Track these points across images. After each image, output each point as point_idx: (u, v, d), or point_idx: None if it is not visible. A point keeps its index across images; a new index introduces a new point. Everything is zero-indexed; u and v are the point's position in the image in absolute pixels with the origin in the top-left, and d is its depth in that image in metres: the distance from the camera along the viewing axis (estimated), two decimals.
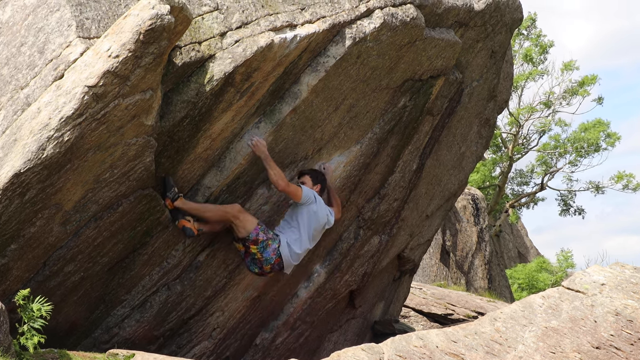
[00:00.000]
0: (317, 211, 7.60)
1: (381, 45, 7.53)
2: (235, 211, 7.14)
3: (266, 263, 7.37)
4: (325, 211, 7.75)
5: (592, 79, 34.07)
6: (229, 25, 6.38)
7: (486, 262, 24.63)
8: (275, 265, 7.44)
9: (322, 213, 7.67)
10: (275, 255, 7.37)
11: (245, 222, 7.18)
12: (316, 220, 7.63)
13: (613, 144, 33.69)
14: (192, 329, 8.04)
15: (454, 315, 16.08)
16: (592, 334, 5.85)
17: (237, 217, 7.14)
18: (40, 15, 5.85)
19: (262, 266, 7.40)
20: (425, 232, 12.47)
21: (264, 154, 7.11)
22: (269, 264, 7.38)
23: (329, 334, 11.32)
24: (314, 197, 7.60)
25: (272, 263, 7.39)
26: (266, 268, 7.43)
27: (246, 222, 7.20)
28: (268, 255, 7.33)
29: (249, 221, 7.22)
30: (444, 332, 6.21)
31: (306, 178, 7.79)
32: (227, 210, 7.10)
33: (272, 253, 7.34)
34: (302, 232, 7.56)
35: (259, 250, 7.29)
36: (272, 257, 7.35)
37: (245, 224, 7.19)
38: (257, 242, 7.26)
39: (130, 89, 5.47)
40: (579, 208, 36.67)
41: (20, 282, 5.98)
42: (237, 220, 7.14)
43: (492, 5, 9.37)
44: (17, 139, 5.43)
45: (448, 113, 10.23)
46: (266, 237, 7.31)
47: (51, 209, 5.71)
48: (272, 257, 7.36)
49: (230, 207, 7.13)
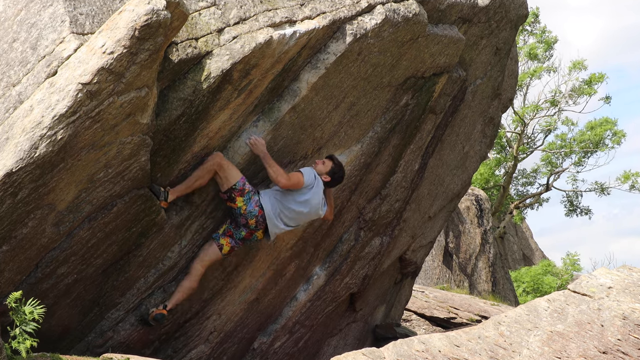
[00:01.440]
0: (311, 198, 7.47)
1: (383, 41, 7.47)
2: (218, 160, 6.92)
3: (250, 216, 7.19)
4: (319, 199, 7.60)
5: (599, 77, 34.00)
6: (226, 21, 6.30)
7: (490, 264, 24.56)
8: (259, 218, 7.25)
9: (315, 200, 7.53)
10: (258, 207, 7.22)
11: (230, 171, 6.98)
12: (304, 207, 7.49)
13: (619, 141, 33.64)
14: (189, 332, 7.97)
15: (457, 319, 16.02)
16: (599, 339, 5.78)
17: (221, 165, 6.92)
18: (33, 10, 5.76)
19: (247, 221, 7.23)
20: (427, 233, 12.43)
21: (263, 152, 7.01)
22: (253, 216, 7.21)
23: (328, 338, 11.26)
24: (314, 178, 7.48)
25: (256, 215, 7.21)
26: (251, 222, 7.24)
27: (231, 170, 7.00)
28: (251, 207, 7.17)
29: (233, 170, 7.03)
30: (447, 336, 6.13)
31: (327, 163, 7.66)
32: (210, 164, 6.89)
33: (254, 205, 7.18)
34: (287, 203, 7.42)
35: (245, 201, 7.13)
36: (255, 209, 7.19)
37: (230, 172, 6.99)
38: (243, 192, 7.09)
39: (125, 86, 5.39)
40: (586, 208, 36.63)
41: (11, 285, 5.89)
42: (221, 169, 6.93)
43: (496, 1, 9.33)
44: (9, 138, 5.35)
45: (451, 111, 10.18)
46: (251, 189, 7.18)
47: (44, 210, 5.62)
48: (255, 209, 7.19)
49: (212, 160, 6.90)
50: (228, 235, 7.38)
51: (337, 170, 7.68)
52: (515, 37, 11.00)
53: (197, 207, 7.12)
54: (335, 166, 7.67)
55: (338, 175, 7.72)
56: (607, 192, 35.14)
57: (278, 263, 8.57)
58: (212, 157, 6.90)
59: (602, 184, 35.23)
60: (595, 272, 6.50)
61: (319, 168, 7.61)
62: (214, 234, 7.41)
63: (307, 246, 8.83)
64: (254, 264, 8.20)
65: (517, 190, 37.97)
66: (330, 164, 7.66)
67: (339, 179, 7.77)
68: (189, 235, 7.21)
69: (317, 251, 9.17)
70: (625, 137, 33.62)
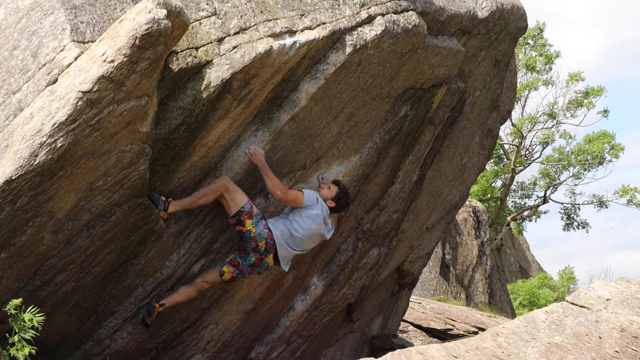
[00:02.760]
0: (316, 217, 7.45)
1: (382, 52, 7.47)
2: (225, 183, 6.93)
3: (260, 238, 7.17)
4: (321, 222, 7.58)
5: (598, 90, 33.99)
6: (226, 30, 6.30)
7: (487, 276, 24.55)
8: (269, 240, 7.22)
9: (318, 224, 7.52)
10: (267, 230, 7.20)
11: (236, 194, 6.99)
12: (311, 221, 7.45)
13: (617, 155, 33.63)
14: (186, 341, 7.95)
15: (454, 331, 16.00)
16: (597, 351, 5.77)
17: (228, 188, 6.93)
18: (34, 18, 5.76)
19: (257, 244, 7.19)
20: (425, 244, 12.42)
21: (261, 162, 7.01)
22: (263, 239, 7.18)
23: (325, 349, 11.23)
24: (316, 200, 7.47)
25: (265, 237, 7.19)
26: (261, 244, 7.20)
27: (238, 193, 7.00)
28: (260, 230, 7.15)
29: (240, 193, 7.03)
30: (445, 347, 6.12)
31: (332, 188, 7.68)
32: (216, 186, 6.91)
33: (263, 227, 7.17)
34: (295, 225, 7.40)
35: (254, 224, 7.11)
36: (264, 232, 7.17)
37: (237, 195, 7.00)
38: (251, 214, 7.08)
39: (125, 94, 5.37)
40: (583, 222, 36.60)
41: (10, 292, 5.88)
42: (227, 192, 6.94)
43: (496, 13, 9.34)
44: (8, 145, 5.33)
45: (450, 123, 10.18)
46: (259, 212, 7.18)
47: (43, 217, 5.61)
48: (264, 231, 7.17)
49: (218, 182, 6.93)
50: (233, 264, 7.35)
51: (342, 196, 7.69)
52: (514, 50, 11.02)
53: (195, 216, 7.11)
54: (341, 192, 7.68)
55: (343, 200, 7.72)
56: (606, 206, 35.15)
57: (276, 273, 8.54)
58: (219, 179, 6.93)
59: (601, 197, 35.24)
60: (593, 284, 6.51)
61: (324, 193, 7.61)
62: (220, 262, 7.43)
63: (304, 256, 8.81)
64: (252, 274, 8.17)
65: (514, 202, 37.99)
66: (336, 189, 7.67)
67: (344, 205, 7.77)
68: (187, 244, 7.20)
69: (314, 261, 9.15)
70: (623, 151, 33.64)
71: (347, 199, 7.78)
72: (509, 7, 9.81)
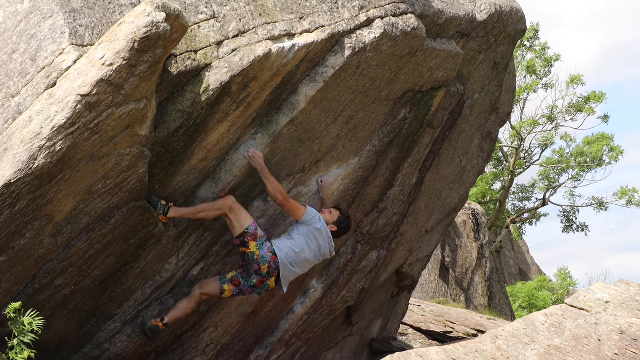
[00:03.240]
0: (320, 232, 7.42)
1: (381, 55, 7.46)
2: (230, 203, 6.94)
3: (263, 262, 7.12)
4: (328, 240, 7.55)
5: (599, 96, 33.90)
6: (225, 33, 6.30)
7: (486, 279, 24.54)
8: (272, 264, 7.17)
9: (324, 237, 7.48)
10: (271, 253, 7.15)
11: (240, 215, 6.99)
12: (315, 240, 7.42)
13: (616, 158, 33.60)
14: (185, 344, 7.94)
15: (454, 333, 15.99)
16: (596, 353, 5.77)
17: (232, 208, 6.93)
18: (33, 21, 5.75)
19: (260, 267, 7.14)
20: (424, 247, 12.42)
21: (261, 165, 7.00)
22: (266, 262, 7.13)
23: (325, 352, 11.22)
24: (318, 219, 7.43)
25: (268, 261, 7.14)
26: (263, 268, 7.15)
27: (242, 214, 7.01)
28: (264, 253, 7.10)
29: (244, 214, 7.04)
30: (444, 349, 6.12)
31: (334, 212, 7.68)
32: (220, 205, 6.92)
33: (267, 250, 7.13)
34: (300, 245, 7.36)
35: (258, 246, 7.07)
36: (267, 255, 7.12)
37: (241, 216, 7.00)
38: (256, 237, 7.05)
39: (124, 98, 5.37)
40: (582, 225, 36.58)
41: (9, 295, 5.88)
42: (232, 213, 6.94)
43: (494, 16, 9.34)
44: (7, 149, 5.33)
45: (449, 126, 10.18)
46: (263, 234, 7.15)
47: (42, 221, 5.60)
48: (268, 254, 7.12)
49: (223, 201, 6.94)
50: (234, 283, 7.31)
51: (343, 221, 7.69)
52: (513, 52, 11.02)
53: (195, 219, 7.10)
54: (342, 216, 7.68)
55: (345, 225, 7.71)
56: (605, 208, 35.14)
57: None
58: (224, 198, 6.94)
59: (600, 199, 35.22)
60: (592, 286, 6.51)
61: (326, 217, 7.57)
62: (221, 275, 7.40)
63: None
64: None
65: (514, 205, 37.98)
66: (337, 213, 7.67)
67: (345, 229, 7.76)
68: (186, 247, 7.19)
69: None
70: (622, 154, 33.61)
71: (349, 223, 7.78)
72: (507, 10, 9.81)
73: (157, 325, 7.06)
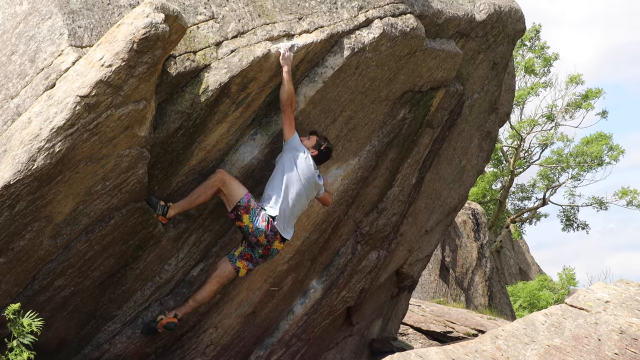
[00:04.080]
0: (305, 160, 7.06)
1: (380, 55, 7.46)
2: (222, 177, 6.78)
3: (258, 233, 6.95)
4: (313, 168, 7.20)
5: (596, 92, 33.94)
6: (224, 34, 6.30)
7: (487, 278, 24.54)
8: (269, 232, 6.98)
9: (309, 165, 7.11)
10: (265, 222, 6.94)
11: (232, 188, 6.82)
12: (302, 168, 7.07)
13: (617, 157, 33.58)
14: (185, 345, 7.93)
15: (454, 333, 15.99)
16: (596, 353, 5.77)
17: (225, 182, 6.77)
18: (32, 23, 5.75)
19: (257, 238, 6.99)
20: (424, 247, 12.41)
21: (288, 67, 6.65)
22: (262, 232, 6.95)
23: (325, 352, 11.22)
24: (303, 150, 7.07)
25: (264, 231, 6.95)
26: (261, 239, 6.99)
27: (234, 187, 6.83)
28: (258, 224, 6.91)
29: (236, 186, 6.85)
30: (444, 349, 6.12)
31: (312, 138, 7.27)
32: (213, 181, 6.77)
33: (261, 220, 6.92)
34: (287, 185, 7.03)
35: (251, 219, 6.89)
36: (262, 225, 6.92)
37: (234, 188, 6.82)
38: (248, 209, 6.85)
39: (123, 99, 5.36)
40: (583, 223, 36.58)
41: (8, 297, 5.87)
42: (224, 186, 6.78)
43: (493, 16, 9.34)
44: (6, 150, 5.33)
45: (448, 126, 10.18)
46: (256, 205, 6.93)
47: (41, 222, 5.60)
48: (262, 224, 6.92)
49: (214, 177, 6.79)
50: (245, 258, 7.20)
51: (322, 142, 7.31)
52: (512, 52, 11.03)
53: (194, 220, 7.09)
54: (320, 138, 7.32)
55: (325, 147, 7.31)
56: (605, 207, 35.13)
57: (275, 276, 8.54)
58: (215, 173, 6.81)
59: (601, 199, 35.21)
60: (592, 286, 6.50)
61: (305, 143, 7.21)
62: (229, 254, 7.28)
63: (304, 259, 8.81)
64: (251, 277, 8.17)
65: (513, 204, 37.98)
66: (315, 137, 7.32)
67: (327, 152, 7.36)
68: (186, 248, 7.19)
69: (314, 265, 9.15)
70: (623, 154, 33.58)
71: (328, 145, 7.34)
72: (506, 9, 9.81)
73: (174, 323, 7.04)
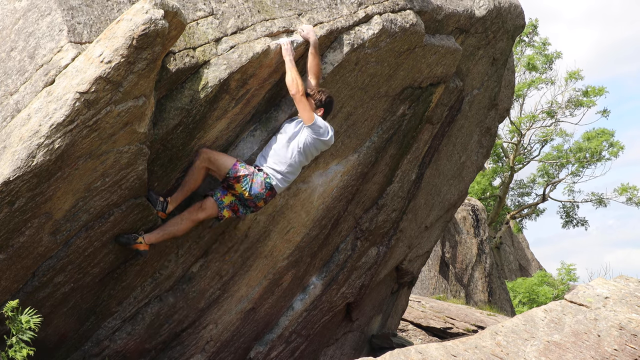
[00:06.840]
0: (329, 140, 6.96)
1: (380, 51, 7.45)
2: (205, 155, 6.62)
3: (258, 199, 6.85)
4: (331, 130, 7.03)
5: (599, 90, 33.81)
6: (224, 30, 6.29)
7: (486, 274, 24.55)
8: (269, 198, 6.93)
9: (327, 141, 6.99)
10: (265, 189, 6.82)
11: (219, 161, 6.66)
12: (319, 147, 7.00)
13: (616, 154, 33.54)
14: (185, 341, 7.94)
15: (454, 329, 16.01)
16: (596, 349, 5.77)
17: (210, 159, 6.63)
18: (31, 19, 5.75)
19: (256, 204, 6.90)
20: (424, 243, 12.42)
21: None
22: (261, 199, 6.86)
23: (325, 348, 11.22)
24: (327, 130, 6.93)
25: (264, 198, 6.87)
26: (260, 204, 6.93)
27: (220, 159, 6.67)
28: (256, 192, 6.78)
29: (222, 159, 6.69)
30: (444, 346, 6.12)
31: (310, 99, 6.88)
32: (199, 163, 6.62)
33: (260, 188, 6.79)
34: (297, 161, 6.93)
35: (245, 188, 6.74)
36: (261, 193, 6.81)
37: (220, 161, 6.66)
38: (239, 178, 6.70)
39: (122, 95, 5.37)
40: (582, 220, 36.58)
41: (8, 293, 5.87)
42: (211, 163, 6.64)
43: (493, 12, 9.33)
44: (6, 146, 5.32)
45: (448, 122, 10.18)
46: (247, 172, 6.75)
47: (41, 218, 5.60)
48: (262, 192, 6.80)
49: (199, 158, 6.62)
50: (233, 209, 6.96)
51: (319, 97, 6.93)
52: (512, 48, 11.03)
53: None
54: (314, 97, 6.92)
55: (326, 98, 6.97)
56: (605, 204, 35.12)
57: (275, 272, 8.54)
58: (198, 155, 6.64)
59: (600, 195, 35.21)
60: (592, 282, 6.50)
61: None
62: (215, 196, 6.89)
63: (303, 256, 8.81)
64: (251, 273, 8.17)
65: (513, 200, 37.98)
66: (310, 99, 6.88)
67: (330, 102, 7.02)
68: (185, 244, 7.18)
69: (313, 261, 9.15)
70: (623, 150, 33.54)
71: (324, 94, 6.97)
72: (506, 5, 9.81)
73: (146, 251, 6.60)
